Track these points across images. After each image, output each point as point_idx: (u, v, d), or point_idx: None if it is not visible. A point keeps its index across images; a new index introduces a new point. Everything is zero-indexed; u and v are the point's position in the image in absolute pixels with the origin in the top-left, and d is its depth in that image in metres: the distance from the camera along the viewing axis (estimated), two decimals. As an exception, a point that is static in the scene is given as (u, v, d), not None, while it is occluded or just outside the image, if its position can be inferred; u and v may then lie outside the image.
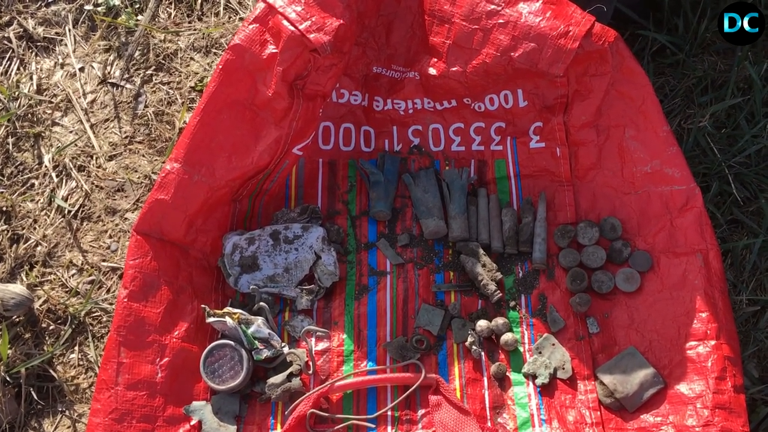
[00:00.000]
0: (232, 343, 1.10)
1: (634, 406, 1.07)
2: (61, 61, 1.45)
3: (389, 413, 1.10)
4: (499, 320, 1.15)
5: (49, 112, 1.40)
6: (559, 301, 1.17)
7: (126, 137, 1.38)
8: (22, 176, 1.35)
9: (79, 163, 1.35)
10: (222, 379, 1.09)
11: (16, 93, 1.40)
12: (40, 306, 1.24)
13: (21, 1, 1.49)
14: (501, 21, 1.14)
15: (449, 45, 1.19)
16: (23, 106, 1.40)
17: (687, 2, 1.35)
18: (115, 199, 1.33)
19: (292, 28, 1.09)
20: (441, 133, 1.28)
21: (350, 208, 1.24)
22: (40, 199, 1.33)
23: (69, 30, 1.47)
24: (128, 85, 1.42)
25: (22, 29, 1.47)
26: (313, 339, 1.15)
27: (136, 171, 1.35)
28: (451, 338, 1.15)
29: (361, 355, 1.14)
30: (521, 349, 1.15)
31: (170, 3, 1.48)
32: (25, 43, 1.46)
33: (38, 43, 1.46)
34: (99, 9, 1.47)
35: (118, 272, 1.27)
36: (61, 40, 1.46)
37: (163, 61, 1.43)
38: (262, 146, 1.16)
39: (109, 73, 1.43)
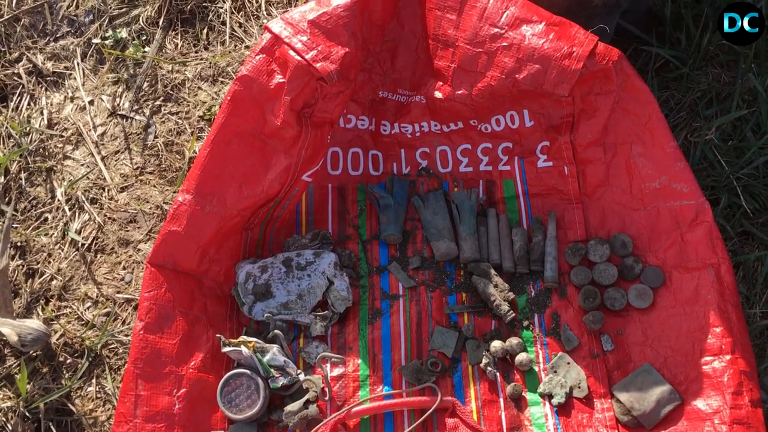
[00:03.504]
0: (248, 371, 1.11)
1: (652, 424, 1.07)
2: (70, 94, 1.46)
3: (407, 437, 1.10)
4: (513, 340, 1.15)
5: (61, 146, 1.42)
6: (573, 320, 1.17)
7: (137, 168, 1.39)
8: (35, 211, 1.37)
9: (91, 195, 1.37)
10: (239, 408, 1.09)
11: (28, 128, 1.42)
12: (57, 340, 1.25)
13: (29, 37, 1.52)
14: (505, 44, 1.15)
15: (454, 68, 1.20)
16: (35, 141, 1.41)
17: (689, 16, 1.36)
18: (127, 231, 1.34)
19: (299, 58, 1.11)
20: (449, 154, 1.29)
21: (361, 232, 1.25)
22: (53, 233, 1.35)
23: (77, 64, 1.49)
24: (138, 117, 1.44)
25: (31, 65, 1.49)
26: (329, 365, 1.16)
27: (147, 202, 1.36)
28: (465, 360, 1.16)
29: (377, 379, 1.14)
30: (536, 368, 1.15)
31: (177, 34, 1.50)
32: (34, 78, 1.48)
33: (48, 78, 1.48)
34: (107, 42, 1.49)
35: (133, 303, 1.28)
36: (70, 74, 1.48)
37: (172, 92, 1.45)
38: (272, 175, 1.17)
39: (118, 105, 1.45)
